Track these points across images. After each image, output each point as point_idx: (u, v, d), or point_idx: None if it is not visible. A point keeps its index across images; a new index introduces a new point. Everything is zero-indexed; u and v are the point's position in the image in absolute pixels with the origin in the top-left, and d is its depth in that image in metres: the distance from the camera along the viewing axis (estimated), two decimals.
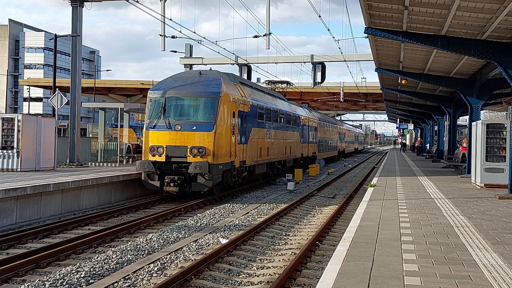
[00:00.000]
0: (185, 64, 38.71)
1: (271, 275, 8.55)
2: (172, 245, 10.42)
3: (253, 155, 20.78)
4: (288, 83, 35.16)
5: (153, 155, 17.15)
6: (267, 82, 34.55)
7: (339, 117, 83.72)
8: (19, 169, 18.46)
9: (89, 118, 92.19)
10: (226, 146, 17.53)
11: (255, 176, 22.24)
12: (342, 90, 47.86)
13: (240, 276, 8.60)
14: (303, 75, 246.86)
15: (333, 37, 39.63)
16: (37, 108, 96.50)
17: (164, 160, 17.01)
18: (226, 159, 17.59)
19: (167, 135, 17.12)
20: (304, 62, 37.19)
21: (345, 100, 52.72)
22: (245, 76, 33.00)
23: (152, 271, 8.42)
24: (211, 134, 16.87)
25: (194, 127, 16.98)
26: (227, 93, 17.71)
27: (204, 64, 38.56)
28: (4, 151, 18.59)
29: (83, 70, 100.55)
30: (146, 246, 10.49)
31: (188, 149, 16.84)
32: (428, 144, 52.84)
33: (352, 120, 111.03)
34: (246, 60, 35.40)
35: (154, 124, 17.41)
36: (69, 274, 8.25)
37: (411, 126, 67.16)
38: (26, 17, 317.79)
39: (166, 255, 9.49)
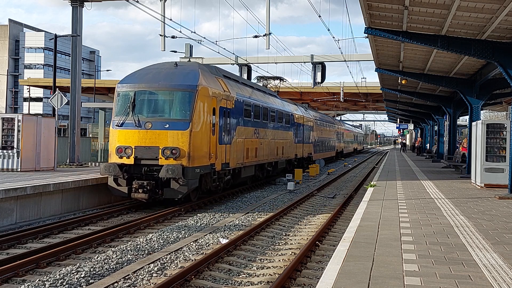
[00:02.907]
0: None
1: (271, 275, 8.55)
2: (172, 245, 10.42)
3: (238, 157, 18.95)
4: (281, 79, 33.71)
5: (121, 157, 15.22)
6: (258, 78, 33.38)
7: (339, 117, 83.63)
8: (19, 169, 18.46)
9: (89, 118, 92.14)
10: (204, 147, 15.66)
11: (241, 180, 20.40)
12: (342, 90, 47.86)
13: (240, 276, 8.60)
14: (303, 75, 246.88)
15: (333, 37, 39.68)
16: (37, 108, 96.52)
17: (132, 162, 15.11)
18: (205, 162, 15.75)
19: (136, 134, 15.19)
20: (304, 62, 37.20)
21: (345, 100, 52.69)
22: (245, 76, 32.86)
23: (152, 271, 8.42)
24: (186, 133, 14.97)
25: (167, 125, 15.09)
26: (205, 86, 15.85)
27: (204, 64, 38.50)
28: (4, 151, 18.59)
29: (83, 70, 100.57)
30: (146, 246, 10.49)
31: (160, 150, 14.92)
32: (428, 144, 52.85)
33: (352, 120, 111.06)
34: (246, 60, 35.40)
35: (121, 121, 15.47)
36: (69, 274, 8.25)
37: (411, 126, 67.17)
38: (27, 17, 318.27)
39: (166, 255, 9.49)
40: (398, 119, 70.10)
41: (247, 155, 20.08)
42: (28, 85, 67.17)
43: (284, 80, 34.26)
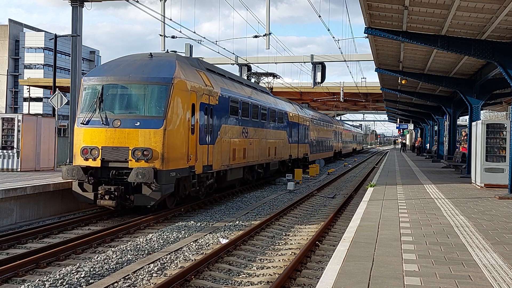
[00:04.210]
0: None
1: (271, 275, 8.55)
2: (172, 245, 10.43)
3: (223, 158, 17.32)
4: (275, 75, 32.32)
5: (86, 159, 13.66)
6: (250, 74, 32.25)
7: (339, 117, 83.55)
8: (19, 169, 18.47)
9: None
10: (181, 147, 14.05)
11: (227, 183, 18.70)
12: (342, 90, 47.87)
13: (240, 276, 8.60)
14: (303, 75, 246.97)
15: (333, 37, 39.76)
16: (37, 108, 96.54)
17: (99, 165, 13.54)
18: (182, 164, 14.12)
19: (103, 133, 13.62)
20: (304, 62, 37.26)
21: (345, 100, 52.71)
22: (245, 76, 32.77)
23: (152, 271, 8.43)
24: (160, 132, 13.37)
25: (138, 123, 13.50)
26: (183, 80, 14.25)
27: None
28: (4, 151, 18.60)
29: (83, 70, 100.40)
30: (146, 246, 10.49)
31: (130, 152, 13.35)
32: (428, 144, 52.87)
33: (352, 120, 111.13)
34: (246, 60, 35.42)
35: (87, 119, 13.87)
36: (69, 274, 8.25)
37: (411, 126, 67.18)
38: (27, 17, 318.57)
39: (166, 255, 9.50)
40: (398, 119, 70.11)
41: (233, 156, 18.45)
42: (28, 85, 67.20)
43: (278, 76, 32.83)
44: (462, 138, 30.24)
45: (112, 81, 14.15)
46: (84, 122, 13.95)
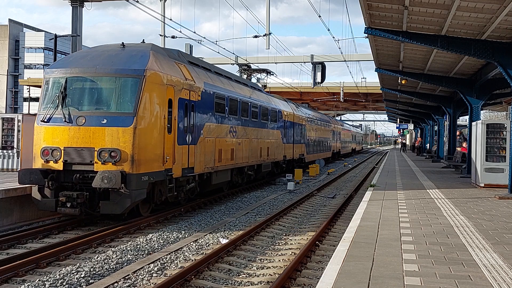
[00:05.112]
0: None
1: (271, 275, 8.56)
2: (172, 245, 10.43)
3: (207, 160, 15.87)
4: (268, 72, 30.99)
5: (47, 161, 12.24)
6: (241, 70, 31.13)
7: (339, 117, 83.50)
8: (19, 169, 18.44)
9: None
10: (154, 148, 12.58)
11: (213, 187, 17.23)
12: (342, 90, 47.88)
13: (240, 276, 8.61)
14: (303, 75, 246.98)
15: (333, 37, 39.81)
16: (37, 108, 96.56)
17: (61, 168, 12.13)
18: (156, 167, 12.65)
19: (66, 132, 12.19)
20: (304, 62, 37.33)
21: (345, 100, 52.71)
22: (245, 77, 32.65)
23: (152, 271, 8.43)
24: (129, 131, 11.92)
25: (105, 121, 12.06)
26: (157, 72, 12.77)
27: None
28: (4, 151, 18.61)
29: None
30: (146, 246, 10.49)
31: (96, 153, 11.92)
32: (428, 144, 52.87)
33: (352, 120, 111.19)
34: (246, 60, 35.43)
35: (48, 116, 12.46)
36: (69, 274, 8.26)
37: (411, 126, 67.17)
38: (28, 17, 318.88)
39: (166, 255, 9.50)
40: (398, 119, 70.08)
41: (219, 157, 16.96)
42: (28, 85, 67.33)
43: (272, 73, 31.55)
44: (457, 138, 30.27)
45: (76, 74, 12.68)
46: (45, 120, 12.53)
